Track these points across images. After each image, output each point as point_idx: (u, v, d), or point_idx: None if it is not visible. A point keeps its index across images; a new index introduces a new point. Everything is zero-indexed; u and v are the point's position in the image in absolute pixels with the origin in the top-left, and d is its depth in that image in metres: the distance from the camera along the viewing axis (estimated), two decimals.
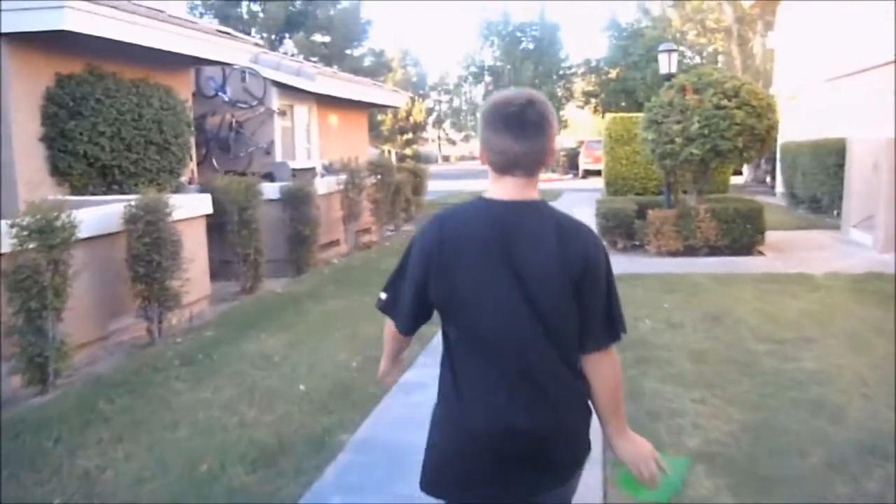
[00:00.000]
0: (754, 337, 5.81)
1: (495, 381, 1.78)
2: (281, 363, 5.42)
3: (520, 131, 1.76)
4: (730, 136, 9.36)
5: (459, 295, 1.77)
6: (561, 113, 44.73)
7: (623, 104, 38.87)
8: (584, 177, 32.13)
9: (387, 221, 13.42)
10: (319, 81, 13.13)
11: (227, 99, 11.93)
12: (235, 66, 11.95)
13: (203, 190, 8.44)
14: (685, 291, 7.60)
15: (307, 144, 14.27)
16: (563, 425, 1.81)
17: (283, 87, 12.51)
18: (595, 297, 1.78)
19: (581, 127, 53.22)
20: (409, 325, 1.95)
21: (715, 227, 9.83)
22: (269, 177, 10.02)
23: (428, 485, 1.90)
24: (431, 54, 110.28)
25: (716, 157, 9.61)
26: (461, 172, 42.75)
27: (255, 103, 12.13)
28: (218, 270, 8.14)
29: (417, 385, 4.73)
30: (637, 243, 10.46)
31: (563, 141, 46.53)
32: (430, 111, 59.28)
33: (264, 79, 12.17)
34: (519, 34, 42.37)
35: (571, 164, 35.86)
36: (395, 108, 19.72)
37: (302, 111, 13.94)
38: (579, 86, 46.23)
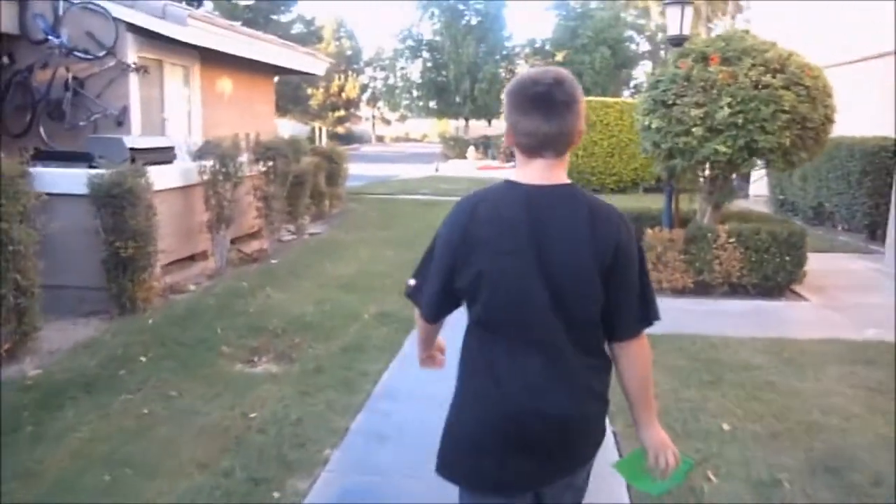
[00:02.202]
0: None
1: (520, 367, 1.74)
2: None
3: (549, 111, 1.71)
4: (773, 128, 6.41)
5: (487, 280, 1.72)
6: (502, 97, 41.65)
7: None
8: None
9: (286, 222, 10.10)
10: (198, 29, 9.62)
11: (60, 45, 8.39)
12: (73, 1, 8.54)
13: None
14: (736, 381, 4.60)
15: (185, 115, 10.77)
16: (584, 413, 1.79)
17: (148, 36, 8.99)
18: (627, 284, 1.76)
19: None
20: (433, 313, 1.91)
21: (740, 257, 6.90)
22: (85, 159, 6.56)
23: (445, 468, 1.85)
24: (368, 27, 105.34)
25: (749, 158, 6.65)
26: (395, 155, 39.44)
27: (101, 54, 8.63)
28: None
29: None
30: None
31: (503, 126, 43.60)
32: (364, 88, 55.57)
33: (115, 19, 8.65)
34: (462, 7, 38.96)
35: (514, 152, 32.86)
36: (314, 76, 16.16)
37: (176, 70, 10.41)
38: (523, 68, 43.35)
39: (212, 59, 10.89)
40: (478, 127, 43.07)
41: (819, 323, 6.20)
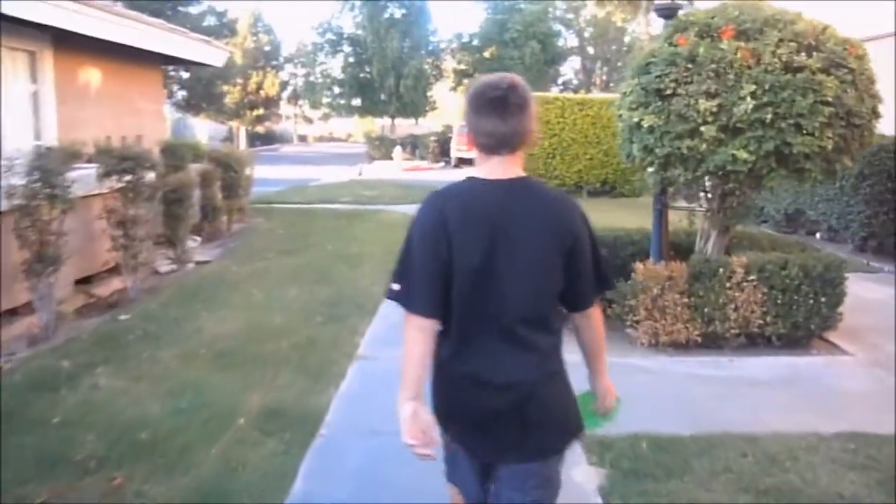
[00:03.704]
0: None
1: (493, 344, 1.91)
2: None
3: (504, 113, 1.87)
4: (812, 126, 4.67)
5: (460, 267, 1.86)
6: (429, 94, 39.86)
7: None
8: (457, 165, 27.37)
9: (166, 247, 7.92)
10: (39, 2, 7.30)
11: None
12: None
13: None
14: None
15: (31, 115, 8.43)
16: (547, 389, 1.96)
17: None
18: (584, 261, 1.97)
19: (450, 110, 48.53)
20: (435, 306, 1.91)
21: (762, 299, 5.14)
22: None
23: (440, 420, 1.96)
24: (288, 21, 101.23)
25: (777, 167, 4.88)
26: (318, 156, 36.89)
27: None
28: None
29: None
30: (610, 317, 5.62)
31: (430, 125, 41.67)
32: (284, 85, 52.74)
33: None
34: None
35: (443, 150, 30.98)
36: (217, 68, 13.75)
37: (16, 57, 8.09)
38: (450, 64, 41.59)
39: (71, 44, 8.61)
40: (405, 125, 40.99)
41: (884, 397, 4.47)
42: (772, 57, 4.73)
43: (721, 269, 5.16)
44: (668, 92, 4.95)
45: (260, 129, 51.54)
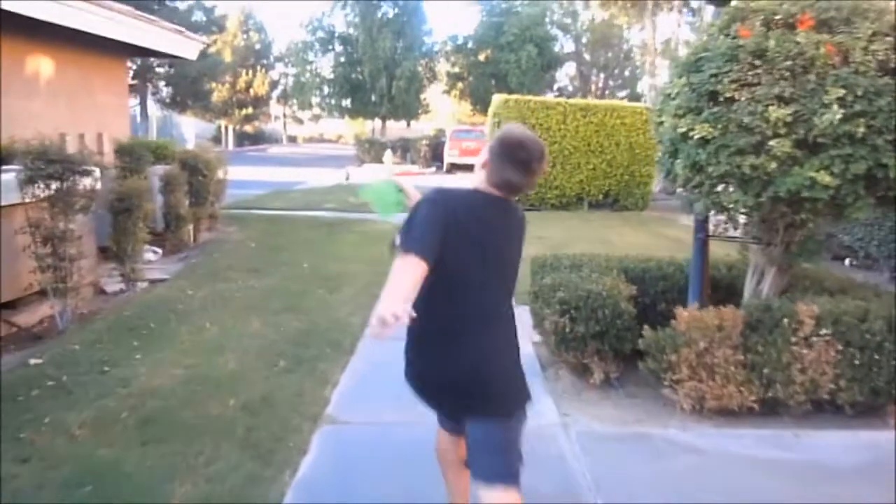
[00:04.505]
0: None
1: (470, 322, 2.32)
2: None
3: (525, 172, 2.31)
4: None
5: (454, 249, 2.20)
6: (422, 96, 38.79)
7: (494, 91, 33.35)
8: (449, 171, 26.31)
9: (114, 263, 6.80)
10: None
11: None
12: None
13: None
14: None
15: None
16: (509, 357, 2.42)
17: None
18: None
19: (443, 114, 47.44)
20: (432, 251, 2.14)
21: (835, 359, 4.10)
22: None
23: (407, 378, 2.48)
24: (280, 20, 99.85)
25: (865, 194, 3.83)
26: (306, 157, 35.64)
27: None
28: None
29: None
30: (640, 371, 4.56)
31: (422, 128, 40.55)
32: (274, 84, 51.59)
33: None
34: None
35: (434, 155, 29.87)
36: (181, 59, 12.49)
37: None
38: (443, 66, 40.54)
39: (17, 28, 7.49)
40: (396, 128, 39.84)
41: None
42: (864, 54, 3.69)
43: (785, 320, 4.10)
44: (727, 95, 3.90)
45: (249, 128, 50.38)
